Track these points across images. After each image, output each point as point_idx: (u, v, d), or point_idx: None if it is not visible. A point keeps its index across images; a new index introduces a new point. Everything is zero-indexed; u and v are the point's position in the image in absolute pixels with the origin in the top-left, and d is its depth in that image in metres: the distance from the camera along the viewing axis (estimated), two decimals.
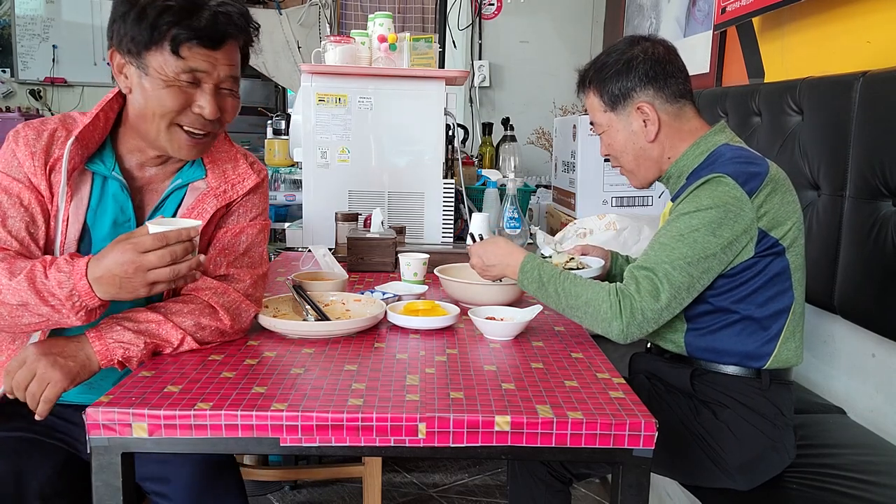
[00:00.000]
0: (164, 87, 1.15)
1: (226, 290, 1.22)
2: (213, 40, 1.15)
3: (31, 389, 1.07)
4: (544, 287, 1.33)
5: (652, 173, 1.48)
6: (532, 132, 3.34)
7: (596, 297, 1.27)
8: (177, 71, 1.14)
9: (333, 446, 0.96)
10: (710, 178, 1.29)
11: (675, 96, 1.42)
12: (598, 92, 1.46)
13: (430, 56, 2.26)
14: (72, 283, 1.05)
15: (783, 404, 1.37)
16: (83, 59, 5.77)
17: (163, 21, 1.11)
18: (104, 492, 0.97)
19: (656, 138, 1.42)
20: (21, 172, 1.18)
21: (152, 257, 1.04)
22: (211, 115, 1.18)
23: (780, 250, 1.32)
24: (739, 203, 1.27)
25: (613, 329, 1.26)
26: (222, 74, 1.18)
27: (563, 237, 2.43)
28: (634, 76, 1.41)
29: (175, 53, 1.13)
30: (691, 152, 1.41)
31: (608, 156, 1.52)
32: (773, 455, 1.35)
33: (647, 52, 1.41)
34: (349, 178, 2.20)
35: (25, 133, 1.20)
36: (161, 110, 1.17)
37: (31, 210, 1.18)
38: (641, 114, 1.42)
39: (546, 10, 4.09)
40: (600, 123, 1.49)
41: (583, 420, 0.96)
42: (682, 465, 1.39)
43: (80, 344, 1.11)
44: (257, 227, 1.33)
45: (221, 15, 1.14)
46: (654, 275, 1.26)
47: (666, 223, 1.34)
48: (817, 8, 1.99)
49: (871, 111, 1.61)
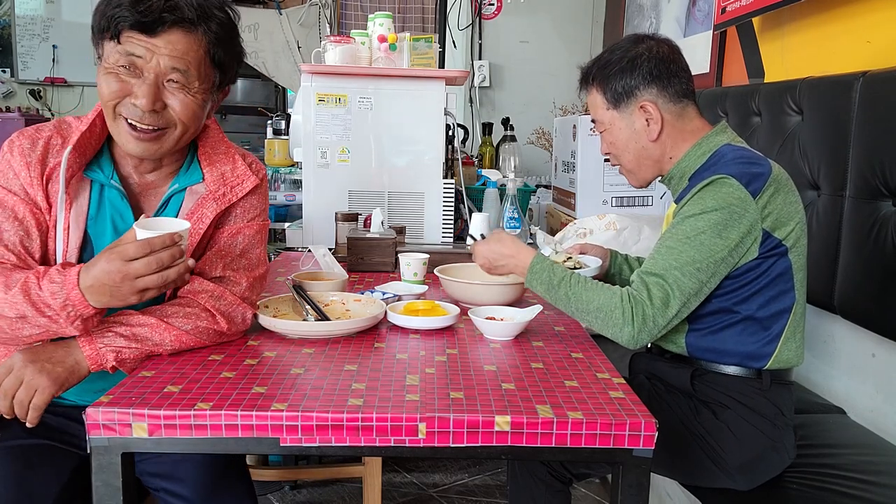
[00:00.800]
0: (105, 75, 1.14)
1: (222, 294, 1.21)
2: (149, 25, 1.11)
3: (18, 397, 1.06)
4: (554, 289, 1.33)
5: (652, 173, 1.48)
6: (532, 132, 3.34)
7: (608, 303, 1.27)
8: (116, 57, 1.13)
9: (333, 446, 0.96)
10: (713, 180, 1.28)
11: (679, 96, 1.41)
12: (601, 89, 1.45)
13: (430, 56, 2.26)
14: (65, 293, 1.04)
15: (783, 404, 1.37)
16: (83, 59, 5.77)
17: (113, 7, 1.10)
18: (104, 492, 0.97)
19: (658, 138, 1.42)
20: (17, 184, 1.17)
21: (138, 265, 1.03)
22: (144, 106, 1.14)
23: (783, 251, 1.31)
24: (744, 204, 1.26)
25: (624, 335, 1.26)
26: (163, 64, 1.14)
27: (563, 237, 2.44)
28: (638, 74, 1.40)
29: (115, 39, 1.12)
30: (693, 153, 1.41)
31: (608, 154, 1.51)
32: (773, 455, 1.35)
33: (652, 51, 1.40)
34: (349, 178, 2.20)
35: (20, 142, 1.19)
36: (103, 99, 1.16)
37: (25, 223, 1.17)
38: (644, 113, 1.41)
39: (546, 10, 4.09)
40: (602, 121, 1.48)
41: (583, 420, 0.96)
42: (683, 466, 1.39)
43: (69, 349, 1.10)
44: (255, 228, 1.31)
45: (167, 1, 1.12)
46: (664, 282, 1.26)
47: (672, 225, 1.33)
48: (817, 8, 1.99)
49: (871, 111, 1.61)
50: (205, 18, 1.16)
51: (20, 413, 1.07)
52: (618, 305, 1.26)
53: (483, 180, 2.63)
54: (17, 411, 1.07)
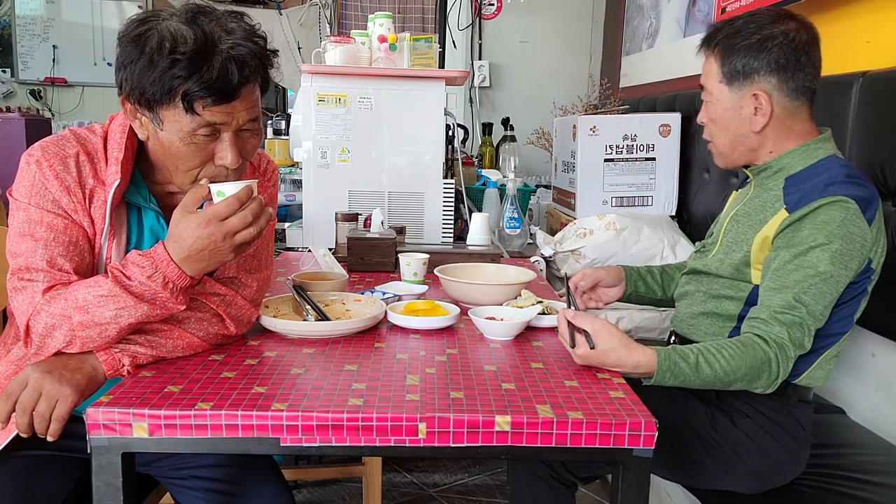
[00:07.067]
0: (183, 145, 1.09)
1: (234, 299, 1.21)
2: (228, 94, 1.06)
3: (39, 409, 1.03)
4: (697, 373, 1.17)
5: (743, 160, 1.40)
6: (532, 132, 3.34)
7: (755, 363, 1.18)
8: (193, 127, 1.07)
9: (333, 446, 0.96)
10: (835, 201, 1.22)
11: (798, 92, 1.32)
12: (721, 59, 1.35)
13: (430, 56, 2.26)
14: (161, 272, 1.04)
15: (804, 420, 1.35)
16: (83, 59, 5.78)
17: (172, 77, 1.03)
18: (104, 492, 0.97)
19: (762, 131, 1.34)
20: (59, 208, 1.11)
21: (235, 221, 1.05)
22: (232, 164, 1.12)
23: (870, 275, 1.28)
24: (863, 233, 1.22)
25: (774, 384, 1.21)
26: (242, 120, 1.11)
27: (563, 237, 2.44)
28: (764, 58, 1.30)
29: (189, 111, 1.05)
30: (797, 153, 1.34)
31: (702, 124, 1.43)
32: (787, 467, 1.34)
33: (788, 36, 1.29)
34: (349, 178, 2.20)
35: (50, 162, 1.11)
36: (183, 167, 1.12)
37: (79, 245, 1.12)
38: (755, 101, 1.32)
39: (546, 10, 4.09)
40: (710, 91, 1.38)
41: (583, 420, 0.96)
42: (685, 468, 1.37)
43: (83, 356, 1.08)
44: (268, 227, 1.30)
45: (234, 62, 1.05)
46: (801, 320, 1.20)
47: (800, 249, 1.23)
48: (817, 8, 1.99)
49: (871, 111, 1.61)
50: (263, 64, 1.12)
51: (40, 428, 1.04)
52: (766, 360, 1.18)
53: (483, 180, 2.63)
54: (38, 426, 1.04)
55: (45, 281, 1.08)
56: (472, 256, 1.94)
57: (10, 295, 1.11)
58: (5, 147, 3.40)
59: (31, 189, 1.11)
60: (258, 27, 1.13)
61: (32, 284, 1.08)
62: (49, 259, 1.09)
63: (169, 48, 1.03)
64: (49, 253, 1.09)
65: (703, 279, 1.47)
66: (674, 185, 2.54)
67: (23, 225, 1.10)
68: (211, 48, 1.04)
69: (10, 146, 3.40)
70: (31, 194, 1.10)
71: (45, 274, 1.08)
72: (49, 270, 1.08)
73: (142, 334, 1.11)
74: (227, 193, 1.07)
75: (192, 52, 1.03)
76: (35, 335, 1.07)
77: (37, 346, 1.08)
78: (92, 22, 5.76)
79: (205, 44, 1.04)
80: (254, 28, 1.12)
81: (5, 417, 1.05)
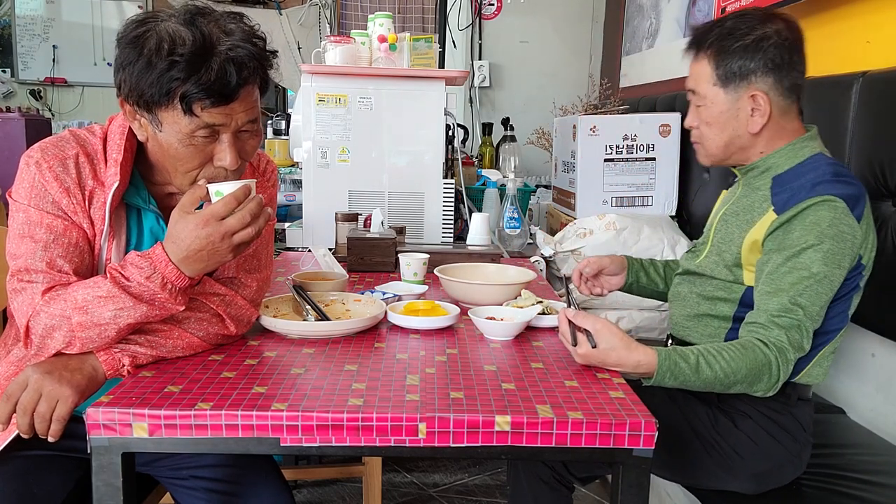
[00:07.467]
0: (181, 146, 1.08)
1: (234, 299, 1.21)
2: (226, 95, 1.06)
3: (39, 410, 1.03)
4: (697, 374, 1.16)
5: (734, 160, 1.40)
6: (532, 132, 3.34)
7: (756, 365, 1.18)
8: (192, 128, 1.07)
9: (333, 446, 0.96)
10: (823, 201, 1.22)
11: (790, 91, 1.31)
12: (714, 62, 1.32)
13: (430, 56, 2.26)
14: (159, 273, 1.04)
15: (805, 420, 1.35)
16: (83, 59, 5.78)
17: (170, 79, 1.03)
18: (104, 492, 0.97)
19: (760, 132, 1.33)
20: (58, 209, 1.11)
21: (233, 221, 1.04)
22: (232, 165, 1.11)
23: (861, 271, 1.28)
24: (853, 231, 1.22)
25: (774, 387, 1.21)
26: (240, 121, 1.10)
27: (563, 237, 2.44)
28: (761, 59, 1.28)
29: (188, 112, 1.05)
30: (784, 152, 1.34)
31: (693, 128, 1.41)
32: (788, 468, 1.34)
33: (781, 35, 1.28)
34: (349, 178, 2.20)
35: (49, 163, 1.11)
36: (182, 168, 1.12)
37: (79, 246, 1.12)
38: (753, 102, 1.31)
39: (546, 10, 4.09)
40: (702, 95, 1.36)
41: (583, 420, 0.96)
42: (685, 468, 1.37)
43: (83, 356, 1.08)
44: (267, 228, 1.30)
45: (233, 63, 1.04)
46: (799, 322, 1.20)
47: (792, 251, 1.23)
48: (817, 8, 1.99)
49: (871, 111, 1.62)
50: (262, 65, 1.11)
51: (41, 428, 1.04)
52: (766, 363, 1.18)
53: (483, 180, 2.63)
54: (39, 426, 1.04)
55: (44, 282, 1.08)
56: (472, 256, 1.94)
57: (9, 296, 1.11)
58: (5, 147, 3.40)
59: (30, 190, 1.10)
60: (257, 28, 1.13)
61: (32, 286, 1.08)
62: (49, 260, 1.09)
63: (167, 50, 1.03)
64: (49, 254, 1.09)
65: (696, 280, 1.47)
66: (674, 185, 2.54)
67: (22, 226, 1.10)
68: (209, 50, 1.04)
69: (10, 146, 3.39)
70: (30, 196, 1.10)
71: (45, 275, 1.08)
72: (48, 272, 1.08)
73: (142, 334, 1.11)
74: (224, 193, 1.06)
75: (191, 53, 1.03)
76: (35, 336, 1.07)
77: (37, 347, 1.08)
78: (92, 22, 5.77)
79: (203, 45, 1.04)
80: (253, 29, 1.11)
81: (6, 418, 1.05)
